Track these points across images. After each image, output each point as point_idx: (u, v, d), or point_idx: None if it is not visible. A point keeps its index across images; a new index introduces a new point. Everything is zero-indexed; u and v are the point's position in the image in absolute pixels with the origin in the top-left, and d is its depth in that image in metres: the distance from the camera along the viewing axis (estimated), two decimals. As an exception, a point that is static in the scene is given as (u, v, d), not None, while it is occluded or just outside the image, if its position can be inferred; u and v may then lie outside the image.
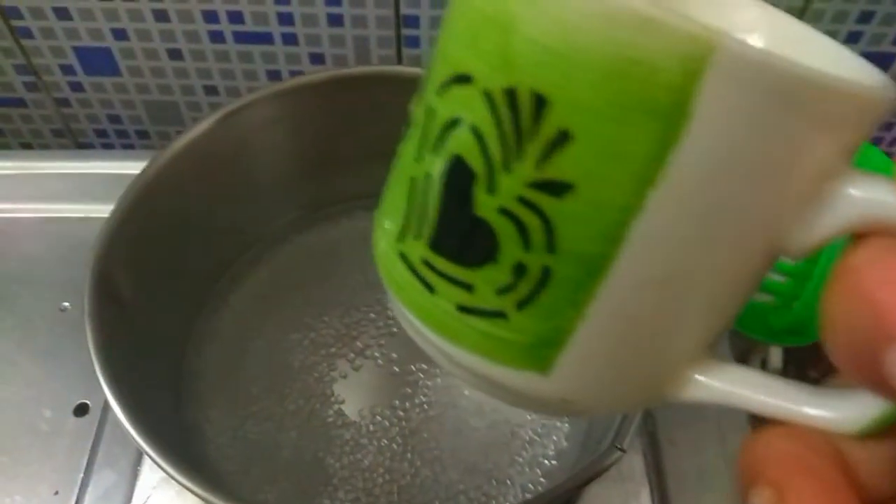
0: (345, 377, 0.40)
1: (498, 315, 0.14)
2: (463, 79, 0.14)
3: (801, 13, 0.46)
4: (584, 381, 0.15)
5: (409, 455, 0.37)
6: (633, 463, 0.39)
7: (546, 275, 0.14)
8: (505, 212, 0.13)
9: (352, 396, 0.39)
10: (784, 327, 0.46)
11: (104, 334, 0.30)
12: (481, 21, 0.13)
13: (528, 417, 0.39)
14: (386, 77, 0.39)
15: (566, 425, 0.39)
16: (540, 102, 0.13)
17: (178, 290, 0.38)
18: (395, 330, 0.41)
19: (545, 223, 0.13)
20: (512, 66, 0.13)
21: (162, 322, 0.37)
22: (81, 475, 0.39)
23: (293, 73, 0.51)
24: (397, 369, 0.40)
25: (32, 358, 0.43)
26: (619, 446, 0.27)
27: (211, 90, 0.52)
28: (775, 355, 0.48)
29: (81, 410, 0.41)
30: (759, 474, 0.13)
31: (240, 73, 0.51)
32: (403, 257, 0.15)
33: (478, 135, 0.13)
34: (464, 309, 0.15)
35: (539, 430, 0.38)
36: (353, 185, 0.43)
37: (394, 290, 0.16)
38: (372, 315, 0.42)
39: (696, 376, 0.15)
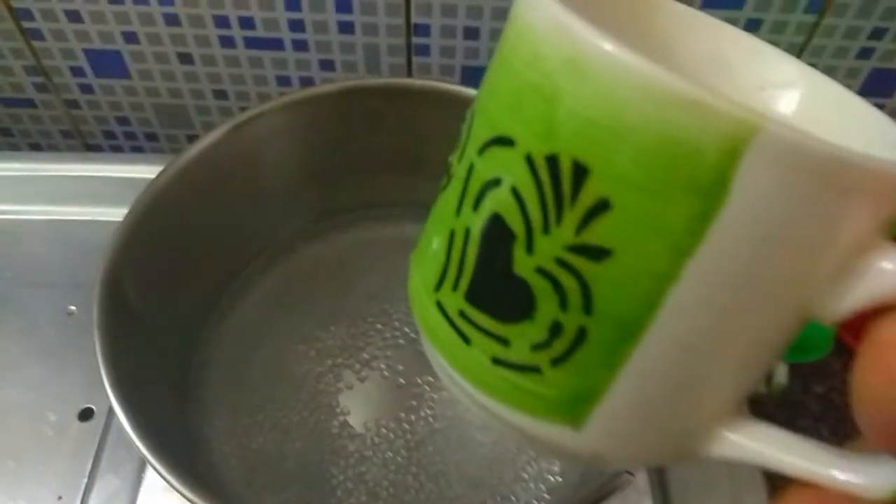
0: (350, 388, 0.40)
1: (532, 370, 0.14)
2: (505, 141, 0.14)
3: (812, 28, 0.46)
4: (615, 436, 0.15)
5: (413, 468, 0.37)
6: (638, 478, 0.39)
7: (582, 335, 0.14)
8: (543, 272, 0.14)
9: (357, 408, 0.39)
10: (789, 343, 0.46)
11: (112, 342, 0.30)
12: (526, 88, 0.13)
13: (533, 432, 0.38)
14: (396, 89, 0.39)
15: (571, 441, 0.38)
16: (581, 171, 0.13)
17: (186, 298, 0.38)
18: (401, 342, 0.41)
19: (582, 286, 0.13)
20: (555, 134, 0.13)
21: (168, 330, 0.37)
22: (85, 480, 0.39)
23: (303, 79, 0.51)
24: (403, 381, 0.40)
25: (38, 361, 0.43)
26: (628, 470, 0.27)
27: (220, 94, 0.52)
28: (781, 371, 0.48)
29: (86, 415, 0.41)
30: None
31: (250, 78, 0.51)
32: (440, 306, 0.16)
33: (518, 196, 0.14)
34: (498, 362, 0.15)
35: (544, 445, 0.38)
36: (361, 195, 0.43)
37: (429, 336, 0.16)
38: (378, 326, 0.42)
39: (727, 433, 0.15)
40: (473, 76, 0.49)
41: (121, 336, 0.32)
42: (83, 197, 0.49)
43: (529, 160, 0.13)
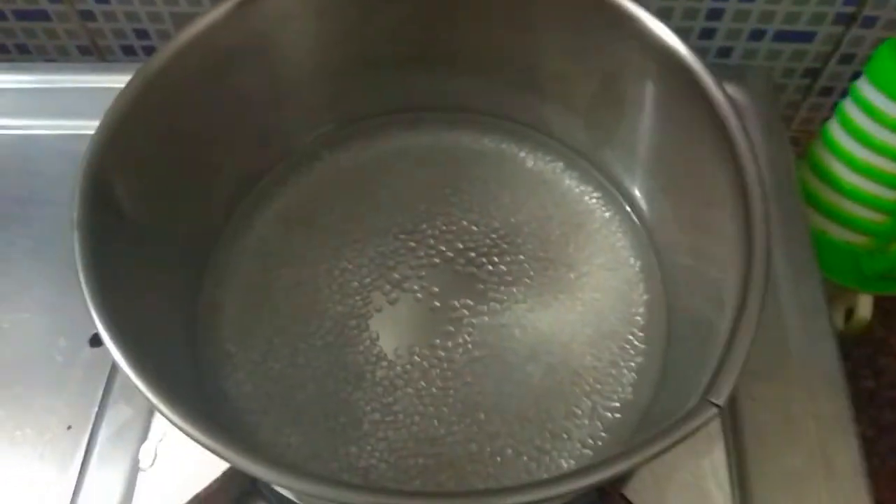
0: (380, 311, 0.35)
1: None
2: None
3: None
4: None
5: (449, 400, 0.33)
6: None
7: None
8: None
9: (387, 333, 0.35)
10: (877, 272, 0.42)
11: (99, 247, 0.26)
12: None
13: (589, 364, 0.33)
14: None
15: (632, 374, 0.33)
16: None
17: (193, 209, 0.34)
18: (436, 261, 0.37)
19: None
20: None
21: (175, 246, 0.33)
22: (96, 409, 0.36)
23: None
24: (438, 304, 0.35)
25: (48, 283, 0.40)
26: (714, 401, 0.22)
27: None
28: (864, 304, 0.43)
29: (97, 341, 0.38)
30: None
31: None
32: None
33: None
34: None
35: (601, 378, 0.33)
36: (391, 95, 0.38)
37: None
38: (411, 244, 0.37)
39: None
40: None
41: (112, 243, 0.28)
42: (96, 110, 0.45)
43: None
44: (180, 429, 0.24)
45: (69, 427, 0.36)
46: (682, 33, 0.47)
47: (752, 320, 0.23)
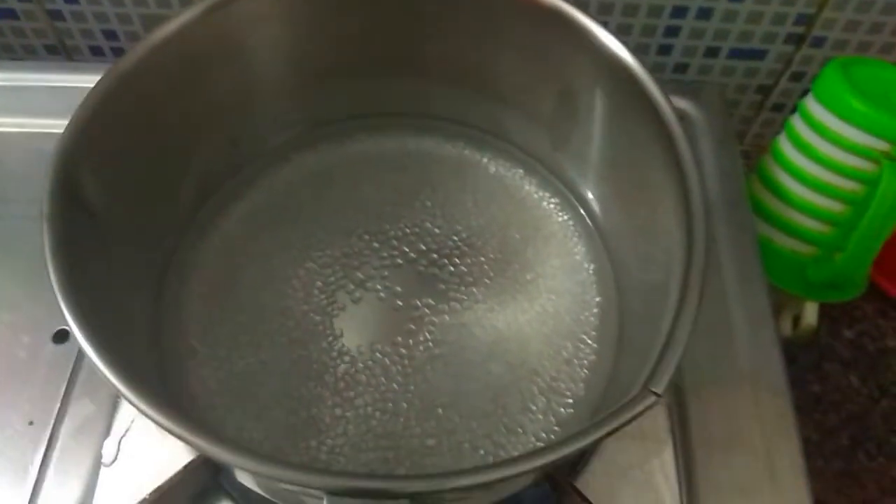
0: (343, 309, 0.36)
1: None
2: None
3: None
4: None
5: (409, 396, 0.33)
6: (657, 418, 0.35)
7: None
8: None
9: (350, 330, 0.35)
10: (823, 281, 0.43)
11: (67, 242, 0.27)
12: None
13: (545, 362, 0.35)
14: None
15: (585, 371, 0.35)
16: None
17: (161, 208, 0.35)
18: (399, 262, 0.38)
19: None
20: None
21: (141, 243, 0.34)
22: (58, 405, 0.36)
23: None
24: (401, 303, 0.36)
25: (11, 280, 0.40)
26: (654, 390, 0.23)
27: (212, 2, 0.48)
28: (811, 311, 0.45)
29: (61, 337, 0.38)
30: None
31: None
32: None
33: None
34: None
35: (555, 375, 0.34)
36: (359, 100, 0.39)
37: None
38: (375, 244, 0.38)
39: None
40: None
41: (81, 240, 0.29)
42: (63, 109, 0.45)
43: None
44: (147, 416, 0.24)
45: (31, 423, 0.36)
46: (640, 49, 0.48)
47: (690, 314, 0.25)
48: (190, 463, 0.31)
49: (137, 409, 0.25)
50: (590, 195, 0.38)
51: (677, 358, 0.24)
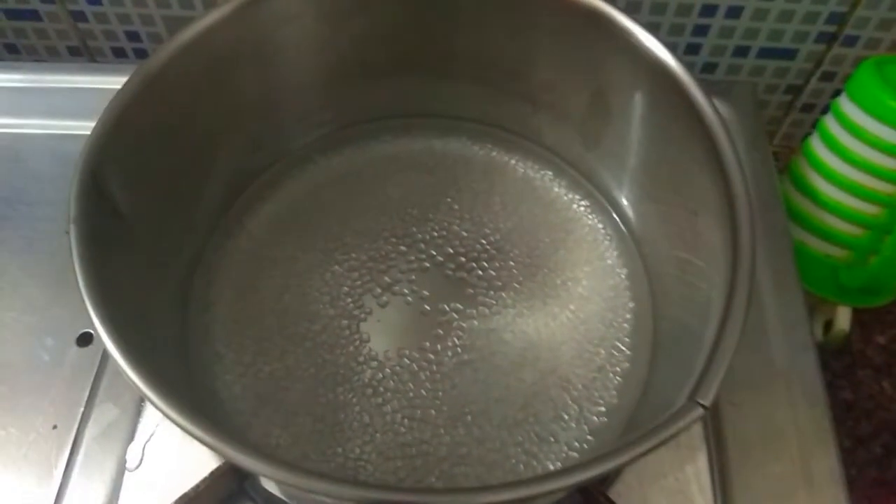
0: (370, 314, 0.35)
1: None
2: None
3: None
4: None
5: (437, 402, 0.33)
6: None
7: None
8: None
9: (377, 335, 0.35)
10: (857, 285, 0.42)
11: (96, 246, 0.26)
12: None
13: (576, 369, 0.34)
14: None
15: (618, 379, 0.34)
16: None
17: (187, 209, 0.34)
18: (426, 265, 0.37)
19: None
20: None
21: (167, 245, 0.33)
22: (82, 409, 0.36)
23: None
24: (428, 308, 0.36)
25: (36, 282, 0.40)
26: (701, 402, 0.22)
27: (235, 3, 0.48)
28: (843, 316, 0.44)
29: (85, 340, 0.38)
30: None
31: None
32: None
33: None
34: None
35: (588, 382, 0.34)
36: (384, 101, 0.38)
37: None
38: (402, 248, 0.37)
39: None
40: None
41: (110, 244, 0.28)
42: (87, 111, 0.45)
43: None
44: (173, 421, 0.24)
45: (55, 427, 0.35)
46: (668, 48, 0.47)
47: (738, 324, 0.24)
48: (216, 469, 0.31)
49: (163, 413, 0.24)
50: (622, 198, 0.38)
51: (724, 369, 0.23)
